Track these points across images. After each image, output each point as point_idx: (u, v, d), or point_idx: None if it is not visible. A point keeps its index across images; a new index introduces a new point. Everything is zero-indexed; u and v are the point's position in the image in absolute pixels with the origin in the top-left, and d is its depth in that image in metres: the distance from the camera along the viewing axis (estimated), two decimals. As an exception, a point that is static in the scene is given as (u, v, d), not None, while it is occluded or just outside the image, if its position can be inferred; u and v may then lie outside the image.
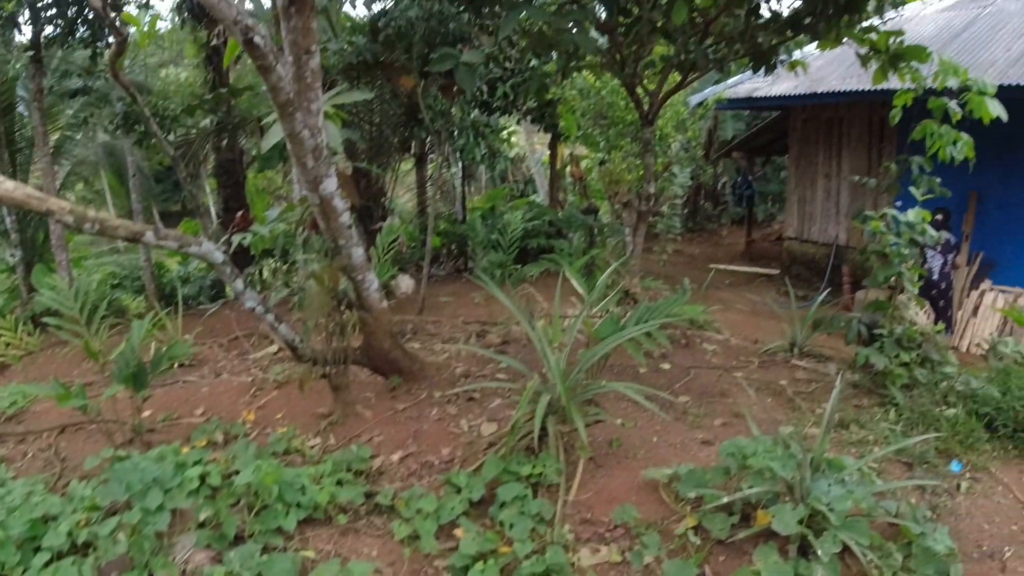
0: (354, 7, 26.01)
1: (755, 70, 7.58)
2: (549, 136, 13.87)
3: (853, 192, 11.21)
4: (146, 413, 5.34)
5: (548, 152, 15.99)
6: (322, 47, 7.74)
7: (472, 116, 11.41)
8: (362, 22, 9.30)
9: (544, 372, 4.53)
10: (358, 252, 4.89)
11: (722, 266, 14.22)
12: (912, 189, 5.71)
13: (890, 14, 12.74)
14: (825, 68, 10.92)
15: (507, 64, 10.13)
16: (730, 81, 12.61)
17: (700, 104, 12.50)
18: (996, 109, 5.61)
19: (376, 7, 8.90)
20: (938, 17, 11.49)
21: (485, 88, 10.77)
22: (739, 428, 5.08)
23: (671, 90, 6.49)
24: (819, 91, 10.35)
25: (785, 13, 6.64)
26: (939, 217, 9.26)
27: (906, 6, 12.92)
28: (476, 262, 11.45)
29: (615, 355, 5.34)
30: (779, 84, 11.33)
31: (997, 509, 4.26)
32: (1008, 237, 9.43)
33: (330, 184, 4.55)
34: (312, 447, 4.74)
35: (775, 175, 18.63)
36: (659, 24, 5.73)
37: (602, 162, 14.48)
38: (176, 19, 12.56)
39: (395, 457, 4.59)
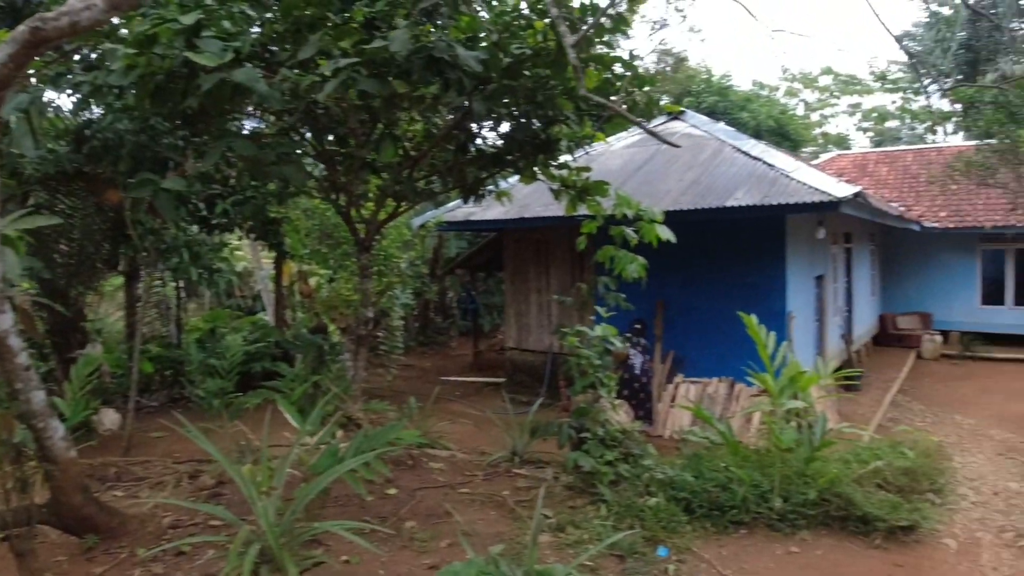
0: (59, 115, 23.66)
1: (464, 200, 8.20)
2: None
3: (561, 305, 12.31)
4: None
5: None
6: (19, 154, 7.01)
7: (187, 234, 10.93)
8: (67, 126, 8.55)
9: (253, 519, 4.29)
10: (38, 396, 4.37)
11: (452, 378, 14.68)
12: (598, 307, 6.43)
13: (581, 151, 14.60)
14: (532, 195, 12.08)
15: (227, 182, 9.88)
16: (449, 205, 13.43)
17: (422, 226, 13.13)
18: (665, 233, 6.57)
19: (85, 115, 8.26)
20: (624, 152, 13.33)
21: (203, 205, 10.40)
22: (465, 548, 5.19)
23: (385, 218, 6.76)
24: (526, 216, 11.40)
25: (489, 151, 7.32)
26: (637, 326, 10.51)
27: (596, 144, 14.91)
28: (192, 391, 10.63)
29: (340, 485, 5.23)
30: (492, 209, 12.28)
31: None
32: (693, 336, 10.91)
33: (4, 321, 4.06)
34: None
35: (498, 288, 19.89)
36: (370, 159, 6.01)
37: (331, 279, 14.47)
38: None
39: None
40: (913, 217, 17.58)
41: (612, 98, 6.68)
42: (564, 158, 7.27)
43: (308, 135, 6.42)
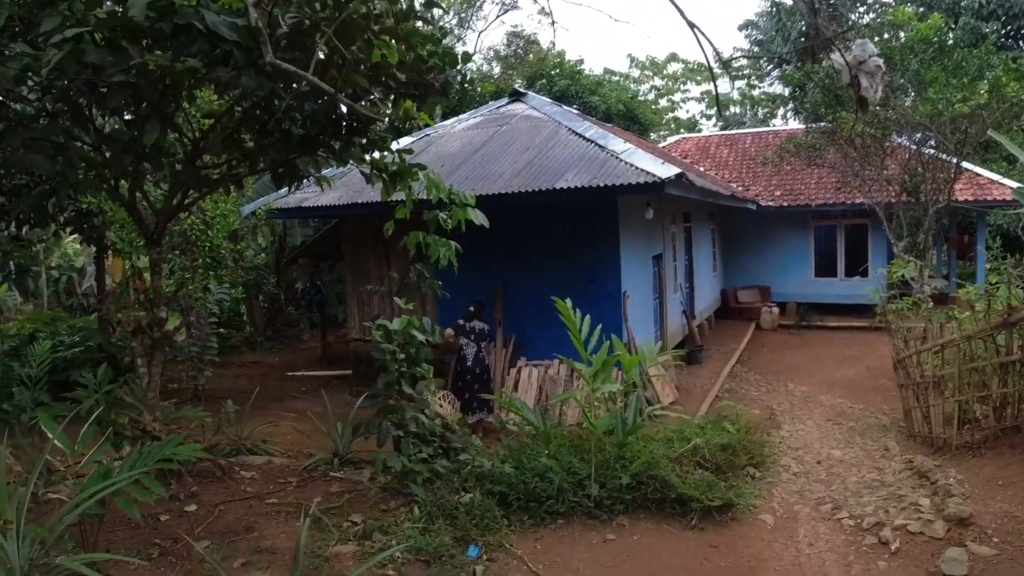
0: None
1: (278, 186, 7.63)
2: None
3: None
4: None
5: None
6: None
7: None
8: None
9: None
10: None
11: (299, 373, 14.03)
12: (397, 299, 6.11)
13: (427, 130, 14.18)
14: (367, 179, 11.61)
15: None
16: (281, 191, 12.69)
17: (253, 214, 12.34)
18: (478, 218, 6.31)
19: None
20: (463, 134, 13.04)
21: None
22: (260, 565, 4.77)
23: (174, 208, 6.14)
24: (359, 201, 10.90)
25: (297, 133, 6.78)
26: (472, 309, 10.29)
27: (437, 126, 14.55)
28: (-2, 404, 9.51)
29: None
30: (327, 194, 11.69)
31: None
32: (532, 319, 10.81)
33: None
34: None
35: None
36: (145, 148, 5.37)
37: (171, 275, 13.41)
38: None
39: None
40: (750, 196, 18.39)
41: (427, 77, 6.40)
42: (405, 141, 6.85)
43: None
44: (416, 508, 5.41)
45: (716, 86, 6.05)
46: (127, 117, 5.81)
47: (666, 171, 8.77)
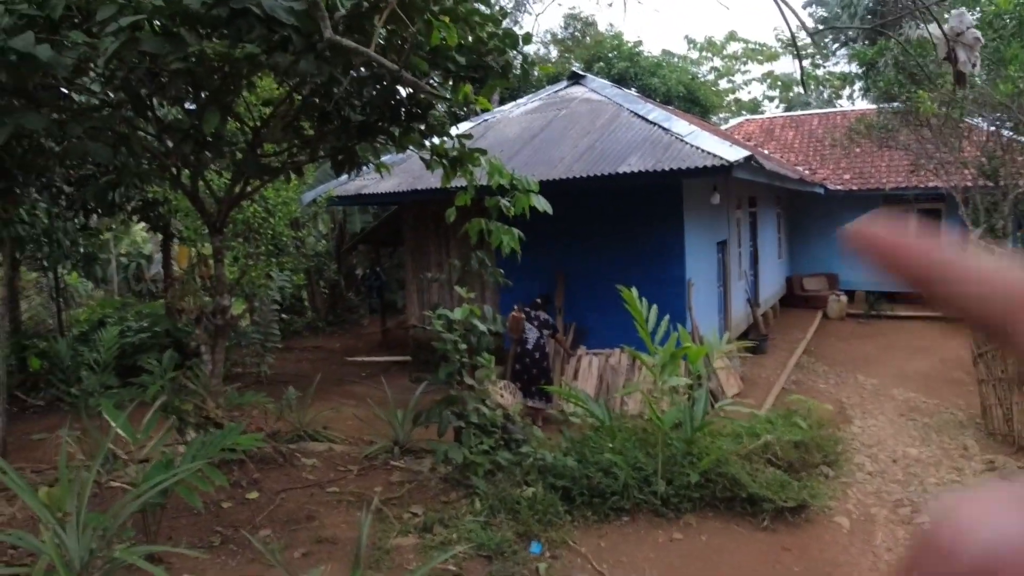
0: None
1: (337, 173, 7.60)
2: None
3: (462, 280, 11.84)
4: None
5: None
6: None
7: (45, 221, 10.06)
8: None
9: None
10: None
11: (358, 358, 14.11)
12: (458, 288, 5.98)
13: (485, 115, 14.02)
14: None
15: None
16: (341, 179, 12.73)
17: (314, 201, 12.40)
18: (541, 204, 6.13)
19: None
20: (522, 119, 12.84)
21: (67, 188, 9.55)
22: (320, 556, 4.72)
23: (235, 197, 6.12)
24: (419, 188, 10.82)
25: (355, 120, 6.72)
26: (539, 300, 10.10)
27: (496, 111, 14.38)
28: (66, 389, 9.79)
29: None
30: (386, 181, 11.66)
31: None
32: (594, 306, 10.60)
33: None
34: None
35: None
36: (208, 136, 5.35)
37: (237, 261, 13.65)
38: None
39: None
40: (818, 180, 17.73)
41: (487, 59, 6.24)
42: (464, 127, 6.74)
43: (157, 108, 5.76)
44: (477, 501, 5.30)
45: (800, 58, 5.70)
46: (187, 106, 5.82)
47: (734, 153, 8.42)
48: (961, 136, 14.86)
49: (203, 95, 4.81)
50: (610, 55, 26.67)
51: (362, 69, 5.42)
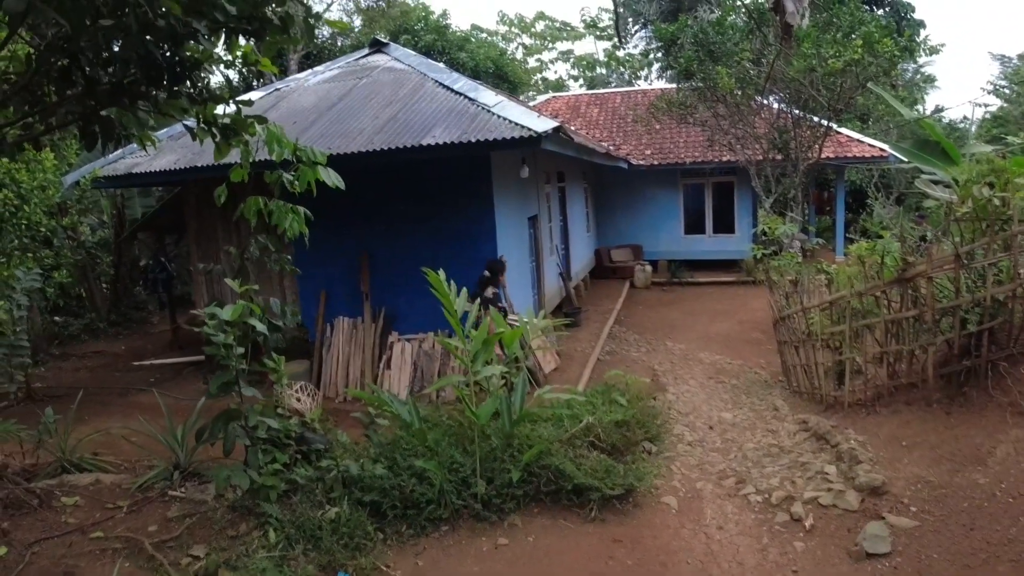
0: None
1: (88, 147, 6.34)
2: None
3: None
4: None
5: None
6: None
7: None
8: None
9: None
10: None
11: (147, 362, 12.51)
12: (228, 280, 5.12)
13: (278, 84, 12.76)
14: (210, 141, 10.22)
15: None
16: (110, 156, 11.04)
17: (77, 183, 10.64)
18: (331, 178, 5.35)
19: None
20: (319, 88, 11.78)
21: None
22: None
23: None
24: (199, 164, 9.54)
25: (105, 82, 5.55)
26: (486, 273, 9.21)
27: (291, 77, 13.16)
28: None
29: None
30: (161, 157, 10.24)
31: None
32: (401, 290, 9.91)
33: None
34: None
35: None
36: None
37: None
38: None
39: None
40: (622, 155, 18.12)
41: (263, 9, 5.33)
42: (254, 96, 5.72)
43: None
44: (271, 532, 4.49)
45: (624, 40, 5.34)
46: None
47: (543, 124, 8.05)
48: (754, 113, 15.69)
49: None
50: (416, 26, 25.82)
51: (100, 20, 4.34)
